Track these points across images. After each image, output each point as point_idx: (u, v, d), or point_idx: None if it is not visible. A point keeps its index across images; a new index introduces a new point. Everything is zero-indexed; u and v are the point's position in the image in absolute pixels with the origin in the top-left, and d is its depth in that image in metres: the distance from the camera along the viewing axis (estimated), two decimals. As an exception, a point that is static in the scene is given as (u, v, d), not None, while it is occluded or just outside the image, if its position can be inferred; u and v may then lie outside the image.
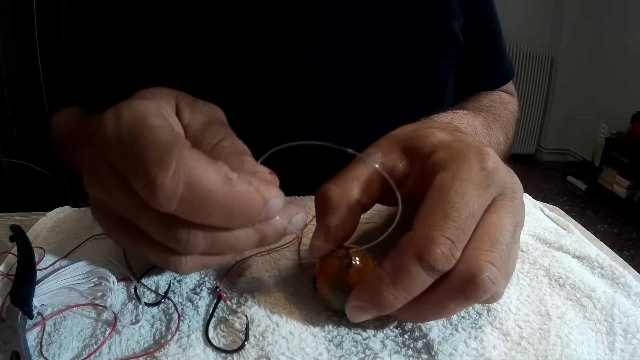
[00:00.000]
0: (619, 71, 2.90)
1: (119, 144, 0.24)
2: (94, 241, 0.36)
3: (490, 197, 0.27)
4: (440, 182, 0.26)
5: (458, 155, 0.27)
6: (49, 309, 0.29)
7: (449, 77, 0.56)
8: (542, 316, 0.29)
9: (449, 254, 0.24)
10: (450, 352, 0.26)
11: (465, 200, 0.25)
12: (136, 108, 0.26)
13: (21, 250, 0.32)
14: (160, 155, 0.22)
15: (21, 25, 1.01)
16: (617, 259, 0.37)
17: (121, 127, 0.25)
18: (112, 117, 0.25)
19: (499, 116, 0.55)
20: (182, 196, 0.22)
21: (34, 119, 1.04)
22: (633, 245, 2.33)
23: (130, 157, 0.23)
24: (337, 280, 0.28)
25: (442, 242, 0.24)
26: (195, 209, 0.23)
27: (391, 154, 0.31)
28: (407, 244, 0.25)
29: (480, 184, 0.26)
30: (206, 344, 0.27)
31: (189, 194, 0.22)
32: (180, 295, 0.31)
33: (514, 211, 0.27)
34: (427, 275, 0.24)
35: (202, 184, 0.22)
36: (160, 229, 0.25)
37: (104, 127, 0.25)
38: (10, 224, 0.35)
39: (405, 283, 0.24)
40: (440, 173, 0.27)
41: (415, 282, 0.24)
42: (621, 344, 0.27)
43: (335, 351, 0.26)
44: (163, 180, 0.22)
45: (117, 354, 0.26)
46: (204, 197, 0.22)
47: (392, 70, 0.51)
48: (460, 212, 0.25)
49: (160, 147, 0.23)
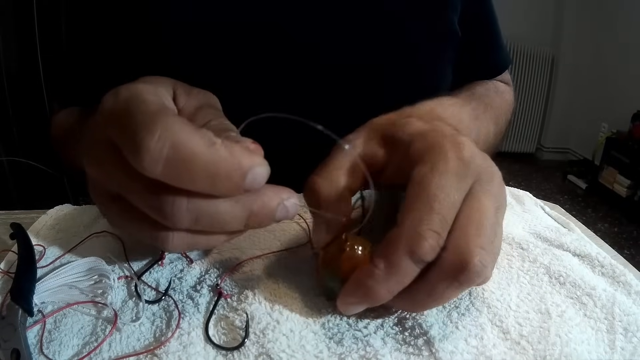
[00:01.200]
0: (620, 70, 2.89)
1: (113, 115, 0.26)
2: (95, 239, 0.36)
3: (468, 185, 0.28)
4: (420, 176, 0.27)
5: (434, 146, 0.28)
6: (49, 306, 0.29)
7: (446, 70, 0.55)
8: (542, 314, 0.29)
9: (435, 245, 0.25)
10: (451, 349, 0.26)
11: (446, 191, 0.26)
12: (134, 87, 0.27)
13: (21, 248, 0.32)
14: (146, 120, 0.23)
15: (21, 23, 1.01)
16: (617, 257, 0.37)
17: (118, 102, 0.26)
18: (111, 95, 0.27)
19: (491, 106, 0.54)
20: (167, 159, 0.23)
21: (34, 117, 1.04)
22: (633, 244, 2.33)
23: (122, 127, 0.24)
24: (331, 266, 0.29)
25: (429, 235, 0.25)
26: (179, 172, 0.23)
27: (371, 141, 0.32)
28: (396, 240, 0.26)
29: (458, 174, 0.27)
30: (206, 342, 0.27)
31: (174, 157, 0.23)
32: (181, 292, 0.31)
33: (494, 194, 0.28)
34: (416, 266, 0.25)
35: (186, 147, 0.23)
36: (147, 200, 0.25)
37: (103, 105, 0.27)
38: (11, 222, 0.35)
39: (397, 277, 0.25)
40: (418, 166, 0.28)
41: (406, 275, 0.26)
42: (621, 342, 0.27)
43: (336, 348, 0.26)
44: (149, 143, 0.23)
45: (117, 351, 0.26)
46: (188, 159, 0.23)
47: (389, 65, 0.50)
48: (442, 204, 0.26)
49: (148, 115, 0.24)
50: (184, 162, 0.23)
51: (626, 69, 2.84)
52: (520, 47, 3.14)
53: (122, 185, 0.26)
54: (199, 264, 0.34)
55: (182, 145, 0.23)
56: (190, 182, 0.24)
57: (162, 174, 0.23)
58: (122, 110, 0.25)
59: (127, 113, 0.25)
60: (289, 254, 0.35)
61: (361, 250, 0.28)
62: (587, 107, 3.21)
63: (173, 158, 0.23)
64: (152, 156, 0.23)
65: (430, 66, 0.53)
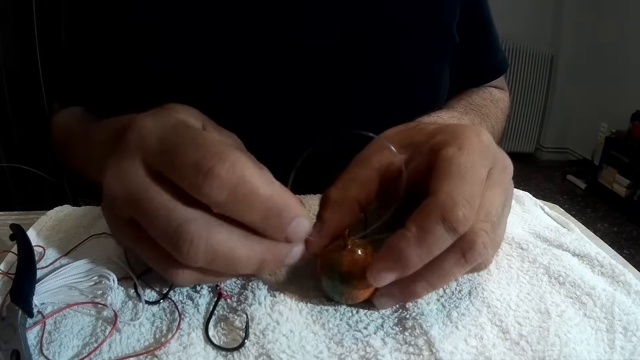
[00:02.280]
0: (619, 70, 2.90)
1: (163, 144, 0.26)
2: (94, 240, 0.36)
3: (488, 168, 0.29)
4: (449, 155, 0.28)
5: (456, 133, 0.29)
6: (49, 307, 0.29)
7: (444, 75, 0.56)
8: (541, 314, 0.29)
9: (468, 215, 0.25)
10: (451, 350, 0.26)
11: (475, 166, 0.27)
12: (174, 116, 0.29)
13: (21, 249, 0.32)
14: (217, 150, 0.25)
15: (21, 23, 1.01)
16: (617, 257, 0.37)
17: (164, 130, 0.27)
18: (150, 120, 0.28)
19: (487, 116, 0.56)
20: (234, 188, 0.24)
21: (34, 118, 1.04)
22: (633, 244, 2.33)
23: (178, 155, 0.25)
24: (331, 267, 0.29)
25: (463, 204, 0.25)
26: (240, 201, 0.25)
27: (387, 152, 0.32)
28: (430, 206, 0.26)
29: (482, 153, 0.28)
30: (206, 342, 0.27)
31: (240, 187, 0.25)
32: (181, 293, 0.31)
33: (505, 186, 0.29)
34: (448, 236, 0.26)
35: (252, 180, 0.25)
36: (166, 233, 0.25)
37: (138, 131, 0.27)
38: (10, 223, 0.35)
39: (429, 243, 0.26)
40: (445, 149, 0.28)
41: (438, 243, 0.26)
42: (621, 341, 0.27)
43: (336, 349, 0.27)
44: (220, 171, 0.24)
45: (117, 352, 0.26)
46: (252, 192, 0.25)
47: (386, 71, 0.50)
48: (473, 178, 0.27)
49: (215, 145, 0.25)
50: (248, 193, 0.25)
51: (625, 68, 2.84)
52: (520, 46, 3.14)
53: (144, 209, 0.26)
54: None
55: (248, 178, 0.25)
56: (246, 213, 0.25)
57: (224, 201, 0.25)
58: (173, 136, 0.26)
59: (184, 140, 0.26)
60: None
61: (361, 251, 0.29)
62: (586, 106, 3.21)
63: (239, 188, 0.24)
64: (221, 183, 0.24)
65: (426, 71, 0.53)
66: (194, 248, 0.25)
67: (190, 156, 0.25)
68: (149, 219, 0.26)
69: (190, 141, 0.26)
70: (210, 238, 0.25)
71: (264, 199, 0.25)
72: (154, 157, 0.27)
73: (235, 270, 0.27)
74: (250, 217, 0.25)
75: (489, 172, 0.29)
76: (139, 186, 0.26)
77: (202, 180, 0.24)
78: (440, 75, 0.55)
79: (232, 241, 0.26)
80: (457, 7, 0.54)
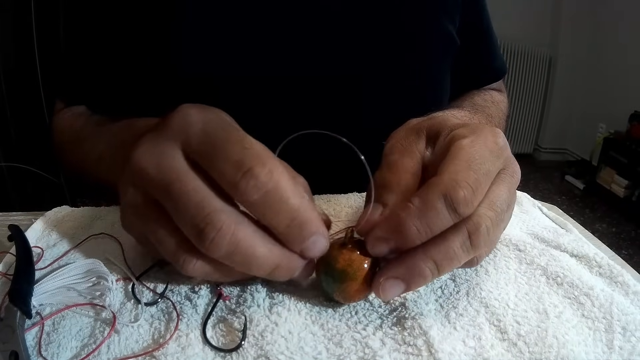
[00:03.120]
0: (618, 71, 2.90)
1: (207, 136, 0.27)
2: (93, 241, 0.36)
3: (498, 168, 0.30)
4: (461, 144, 0.29)
5: (475, 130, 0.31)
6: (47, 308, 0.29)
7: (445, 78, 0.56)
8: (539, 314, 0.29)
9: (469, 198, 0.26)
10: (449, 351, 0.26)
11: (483, 159, 0.28)
12: (220, 114, 0.29)
13: (20, 249, 0.32)
14: (261, 154, 0.26)
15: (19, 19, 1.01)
16: (615, 257, 0.37)
17: (210, 123, 0.28)
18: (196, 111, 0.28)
19: (491, 117, 0.57)
20: (268, 191, 0.25)
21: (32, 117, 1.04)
22: (631, 244, 2.34)
23: (223, 149, 0.26)
24: (328, 264, 0.29)
25: (464, 186, 0.26)
26: (270, 206, 0.26)
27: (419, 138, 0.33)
28: (434, 184, 0.27)
29: (493, 153, 0.29)
30: (205, 343, 0.27)
31: (273, 192, 0.26)
32: (179, 294, 0.31)
33: (511, 190, 0.30)
34: (449, 215, 0.26)
35: (285, 189, 0.26)
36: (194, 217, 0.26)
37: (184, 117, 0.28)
38: (9, 224, 0.35)
39: (429, 217, 0.26)
40: (459, 140, 0.30)
41: (438, 219, 0.27)
42: (620, 341, 0.27)
43: (335, 350, 0.27)
44: (259, 172, 0.25)
45: (116, 353, 0.26)
46: (284, 199, 0.26)
47: (387, 75, 0.51)
48: (479, 167, 0.28)
49: (260, 149, 0.27)
50: (279, 200, 0.26)
51: (624, 69, 2.84)
52: (518, 47, 3.14)
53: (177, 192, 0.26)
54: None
55: (283, 186, 0.26)
56: (273, 217, 0.26)
57: (255, 201, 0.26)
58: (221, 133, 0.27)
59: (231, 138, 0.27)
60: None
61: (361, 252, 0.29)
62: (584, 107, 3.21)
63: (272, 193, 0.26)
64: (256, 184, 0.25)
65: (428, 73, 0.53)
66: (220, 236, 0.25)
67: (235, 153, 0.26)
68: (179, 203, 0.26)
69: (237, 140, 0.27)
70: (238, 231, 0.26)
71: (291, 209, 0.26)
72: (195, 145, 0.27)
73: (250, 267, 0.27)
74: (275, 222, 0.26)
75: (499, 172, 0.30)
76: (176, 169, 0.27)
77: (240, 177, 0.25)
78: (442, 79, 0.55)
79: (256, 239, 0.27)
80: (457, 14, 0.54)
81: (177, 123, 0.28)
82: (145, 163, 0.28)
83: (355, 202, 0.42)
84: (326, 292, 0.30)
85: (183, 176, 0.27)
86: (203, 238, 0.25)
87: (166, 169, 0.27)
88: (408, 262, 0.27)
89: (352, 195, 0.44)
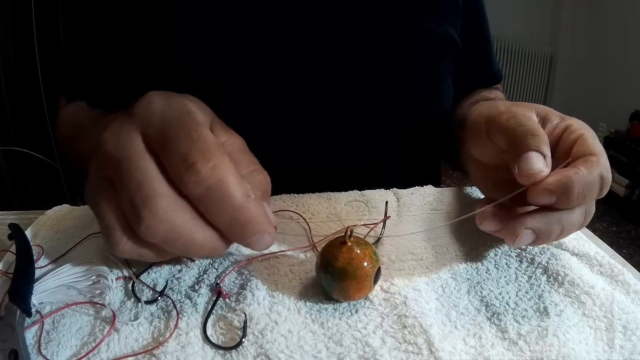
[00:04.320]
0: (618, 70, 2.90)
1: (164, 124, 0.28)
2: (93, 239, 0.36)
3: None
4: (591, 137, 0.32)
5: (584, 125, 0.34)
6: (47, 307, 0.29)
7: (447, 81, 0.56)
8: (540, 313, 0.29)
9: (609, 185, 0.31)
10: (450, 349, 0.26)
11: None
12: (185, 104, 0.30)
13: (20, 248, 0.32)
14: (206, 149, 0.26)
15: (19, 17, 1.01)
16: (615, 256, 0.37)
17: (170, 113, 0.28)
18: (159, 99, 0.29)
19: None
20: (209, 188, 0.26)
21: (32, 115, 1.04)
22: (632, 243, 2.34)
23: (173, 139, 0.27)
24: (328, 262, 0.29)
25: (610, 173, 0.31)
26: (212, 202, 0.26)
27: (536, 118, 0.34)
28: (595, 163, 0.30)
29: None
30: (204, 342, 0.27)
31: (215, 189, 0.26)
32: (179, 292, 0.31)
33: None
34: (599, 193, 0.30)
35: (229, 187, 0.26)
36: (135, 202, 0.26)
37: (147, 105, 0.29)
38: (9, 223, 0.35)
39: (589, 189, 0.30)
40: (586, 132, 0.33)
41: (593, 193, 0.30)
42: (620, 340, 0.27)
43: (335, 348, 0.26)
44: (201, 167, 0.26)
45: (115, 351, 0.26)
46: (225, 197, 0.26)
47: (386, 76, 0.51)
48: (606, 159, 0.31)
49: (206, 143, 0.27)
50: (221, 198, 0.26)
51: (624, 68, 2.84)
52: (518, 46, 3.14)
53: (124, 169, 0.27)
54: (198, 264, 0.34)
55: (226, 184, 0.26)
56: (214, 214, 0.27)
57: (197, 195, 0.26)
58: (175, 122, 0.28)
59: (183, 129, 0.27)
60: (287, 255, 0.35)
61: (360, 250, 0.29)
62: (585, 106, 3.21)
63: (214, 190, 0.26)
64: (198, 179, 0.26)
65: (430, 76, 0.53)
66: (157, 222, 0.26)
67: (182, 145, 0.26)
68: (123, 179, 0.27)
69: (187, 132, 0.27)
70: (175, 218, 0.26)
71: (233, 207, 0.26)
72: (153, 132, 0.28)
73: (187, 252, 0.28)
74: (217, 219, 0.27)
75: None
76: (130, 148, 0.27)
77: (184, 170, 0.26)
78: (444, 81, 0.56)
79: (195, 226, 0.27)
80: (458, 17, 0.55)
81: (140, 109, 0.29)
82: (106, 143, 0.28)
83: (356, 201, 0.42)
84: (326, 290, 0.30)
85: (133, 155, 0.27)
86: (139, 222, 0.26)
87: (121, 147, 0.28)
88: (547, 219, 0.30)
89: (352, 193, 0.44)
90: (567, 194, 0.29)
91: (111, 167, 0.28)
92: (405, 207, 0.42)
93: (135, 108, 0.29)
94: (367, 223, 0.38)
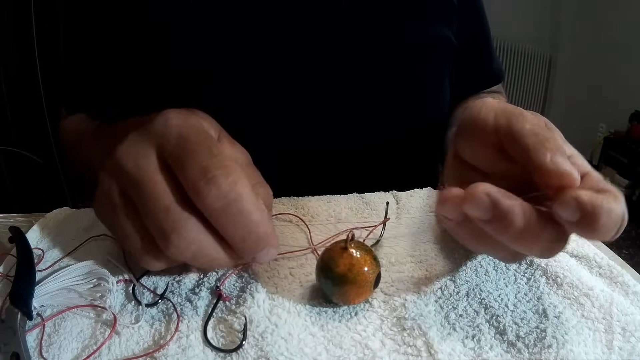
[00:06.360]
0: (618, 70, 2.90)
1: (181, 140, 0.28)
2: (93, 242, 0.36)
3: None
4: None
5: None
6: (48, 310, 0.29)
7: (444, 81, 0.56)
8: (539, 314, 0.29)
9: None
10: (449, 352, 0.26)
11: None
12: (200, 121, 0.30)
13: (20, 251, 0.32)
14: (227, 163, 0.27)
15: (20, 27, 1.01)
16: (615, 258, 0.37)
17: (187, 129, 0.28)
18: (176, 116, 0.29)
19: None
20: (228, 201, 0.26)
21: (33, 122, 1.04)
22: (631, 244, 2.33)
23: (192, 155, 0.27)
24: (327, 267, 0.29)
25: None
26: (230, 216, 0.26)
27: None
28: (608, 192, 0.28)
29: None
30: (205, 344, 0.27)
31: (234, 203, 0.26)
32: (180, 295, 0.31)
33: None
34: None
35: (247, 202, 0.27)
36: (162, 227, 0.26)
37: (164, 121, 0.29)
38: (10, 225, 0.35)
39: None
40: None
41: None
42: (619, 342, 0.27)
43: (335, 351, 0.27)
44: (222, 181, 0.26)
45: (116, 354, 0.26)
46: (244, 212, 0.26)
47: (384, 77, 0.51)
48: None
49: (227, 159, 0.27)
50: (239, 212, 0.26)
51: (624, 69, 2.84)
52: (518, 47, 3.14)
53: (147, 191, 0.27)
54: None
55: (245, 199, 0.26)
56: (230, 228, 0.27)
57: (215, 208, 0.26)
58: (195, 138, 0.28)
59: (203, 144, 0.28)
60: (288, 257, 0.35)
61: (360, 255, 0.29)
62: (584, 107, 3.21)
63: (233, 204, 0.26)
64: (218, 193, 0.26)
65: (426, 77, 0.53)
66: (185, 245, 0.27)
67: (202, 159, 0.27)
68: (147, 203, 0.27)
69: (208, 148, 0.27)
70: (200, 241, 0.27)
71: (250, 223, 0.27)
72: (170, 149, 0.28)
73: (208, 269, 0.31)
74: (232, 232, 0.27)
75: None
76: (148, 168, 0.28)
77: (204, 183, 0.26)
78: (441, 82, 0.56)
79: (216, 246, 0.28)
80: (454, 17, 0.55)
81: (158, 126, 0.29)
82: (124, 156, 0.29)
83: (355, 203, 0.42)
84: (325, 294, 0.30)
85: (153, 177, 0.27)
86: (168, 244, 0.26)
87: (139, 166, 0.28)
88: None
89: (352, 196, 0.44)
90: (594, 217, 0.24)
91: (130, 185, 0.28)
92: (405, 209, 0.42)
93: (151, 124, 0.29)
94: (367, 225, 0.38)
